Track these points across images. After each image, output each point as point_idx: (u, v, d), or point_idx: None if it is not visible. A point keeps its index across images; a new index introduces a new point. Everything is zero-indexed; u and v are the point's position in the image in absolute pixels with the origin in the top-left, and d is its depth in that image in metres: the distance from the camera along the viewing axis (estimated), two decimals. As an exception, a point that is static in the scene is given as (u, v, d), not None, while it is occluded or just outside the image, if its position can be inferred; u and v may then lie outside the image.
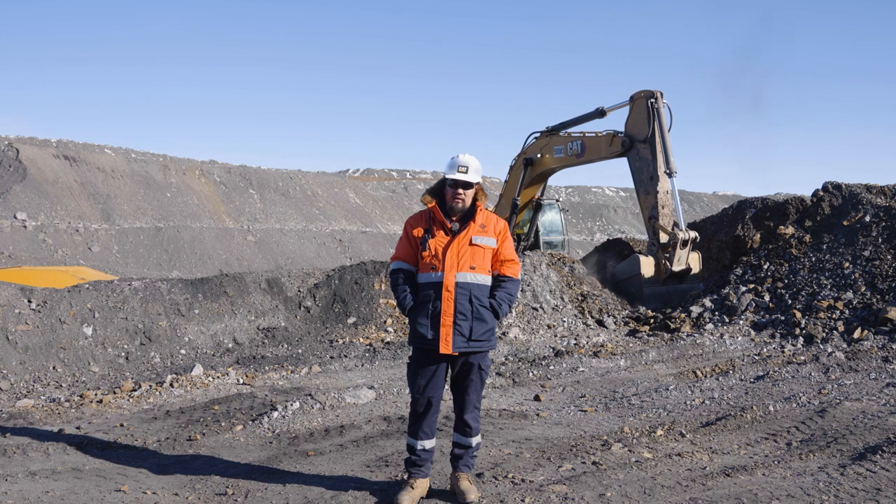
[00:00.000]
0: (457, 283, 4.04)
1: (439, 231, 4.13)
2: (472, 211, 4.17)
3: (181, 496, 4.39)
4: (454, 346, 4.02)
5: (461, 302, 4.04)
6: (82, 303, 10.08)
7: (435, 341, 4.02)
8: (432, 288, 4.07)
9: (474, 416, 4.17)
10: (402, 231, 4.30)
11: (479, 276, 4.11)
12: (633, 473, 4.51)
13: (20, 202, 32.49)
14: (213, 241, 36.40)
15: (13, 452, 5.34)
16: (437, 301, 4.04)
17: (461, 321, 4.03)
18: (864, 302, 9.98)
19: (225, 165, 46.30)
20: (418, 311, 4.10)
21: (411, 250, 4.21)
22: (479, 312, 4.07)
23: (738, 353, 9.08)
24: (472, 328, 4.05)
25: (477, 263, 4.10)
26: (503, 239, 4.21)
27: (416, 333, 4.10)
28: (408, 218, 4.35)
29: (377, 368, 9.03)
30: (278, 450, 5.43)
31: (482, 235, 4.13)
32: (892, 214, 11.70)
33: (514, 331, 10.85)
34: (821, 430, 5.34)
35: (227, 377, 8.34)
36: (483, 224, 4.16)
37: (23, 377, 8.75)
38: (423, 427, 4.13)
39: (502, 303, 4.16)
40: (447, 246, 4.08)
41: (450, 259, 4.06)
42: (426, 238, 4.12)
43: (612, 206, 64.59)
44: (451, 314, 4.02)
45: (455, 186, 4.11)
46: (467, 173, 4.09)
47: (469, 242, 4.09)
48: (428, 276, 4.10)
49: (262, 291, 11.66)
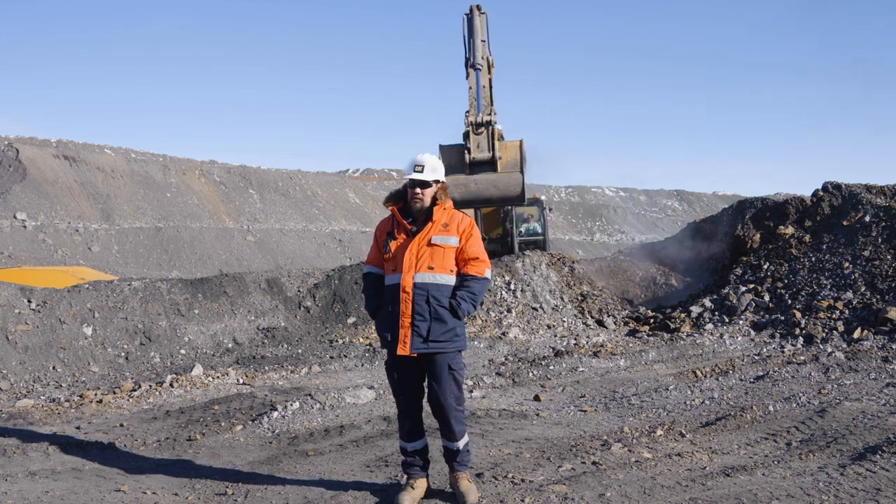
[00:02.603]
0: (414, 284, 4.02)
1: (401, 233, 4.14)
2: (430, 211, 4.13)
3: (181, 496, 4.39)
4: (412, 348, 4.00)
5: (418, 303, 4.01)
6: (82, 303, 10.07)
7: (394, 343, 4.03)
8: (393, 290, 4.08)
9: (456, 417, 4.09)
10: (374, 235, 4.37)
11: (438, 276, 4.05)
12: (632, 473, 4.51)
13: (20, 202, 32.48)
14: (212, 241, 36.40)
15: (13, 452, 5.34)
16: (395, 303, 4.05)
17: (419, 322, 4.00)
18: (864, 302, 9.98)
19: (225, 165, 46.29)
20: (381, 314, 4.16)
21: (378, 254, 4.25)
22: (438, 313, 4.02)
23: (738, 353, 9.08)
24: (430, 328, 4.00)
25: (436, 263, 4.06)
26: (468, 237, 4.15)
27: (380, 335, 4.17)
28: (379, 222, 4.38)
29: (377, 368, 9.02)
30: (278, 450, 5.43)
31: (443, 235, 4.09)
32: (892, 214, 11.70)
33: (514, 331, 10.85)
34: (821, 430, 5.33)
35: (227, 377, 8.34)
36: (446, 223, 4.13)
37: (23, 377, 8.75)
38: (408, 428, 4.15)
39: (461, 302, 4.07)
40: (405, 247, 4.08)
41: (407, 260, 4.04)
42: (387, 241, 4.15)
43: (612, 206, 64.61)
44: (408, 315, 4.00)
45: (412, 186, 4.11)
46: (423, 172, 4.08)
47: (428, 242, 4.07)
48: (390, 277, 4.13)
49: (261, 291, 11.66)
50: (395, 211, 4.17)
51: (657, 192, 71.54)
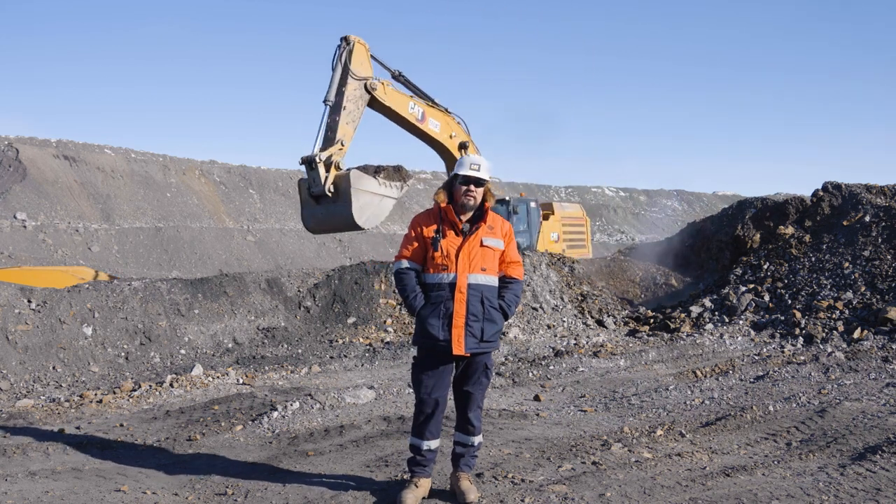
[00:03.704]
0: (469, 285, 4.05)
1: (450, 231, 4.13)
2: (481, 212, 4.18)
3: (181, 496, 4.38)
4: (466, 347, 4.03)
5: (473, 303, 4.05)
6: (82, 303, 10.07)
7: (447, 343, 4.03)
8: (444, 289, 4.06)
9: (477, 415, 4.20)
10: (409, 229, 4.25)
11: (489, 278, 4.13)
12: (632, 473, 4.51)
13: (20, 202, 32.46)
14: (212, 241, 36.37)
15: (13, 452, 5.34)
16: (449, 302, 4.04)
17: (473, 322, 4.04)
18: (864, 302, 9.98)
19: (225, 165, 46.26)
20: (429, 313, 4.08)
21: (420, 250, 4.18)
22: (490, 314, 4.09)
23: (738, 353, 9.08)
24: (483, 329, 4.07)
25: (487, 265, 4.12)
26: (509, 240, 4.25)
27: (427, 335, 4.07)
28: (415, 216, 4.31)
29: (377, 368, 9.03)
30: (278, 450, 5.43)
31: (491, 237, 4.15)
32: (892, 214, 11.71)
33: (514, 331, 10.85)
34: (821, 430, 5.34)
35: (227, 377, 8.34)
36: (491, 225, 4.19)
37: (23, 377, 8.75)
38: (429, 427, 4.13)
39: (511, 304, 4.20)
40: (460, 247, 4.09)
41: (462, 260, 4.06)
42: (437, 238, 4.11)
43: (612, 206, 64.57)
44: (463, 315, 4.02)
45: (467, 183, 4.12)
46: (479, 171, 4.12)
47: (480, 244, 4.11)
48: (438, 276, 4.09)
49: (261, 291, 11.66)
50: (451, 208, 4.16)
51: (657, 192, 71.53)
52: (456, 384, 4.21)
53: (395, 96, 10.71)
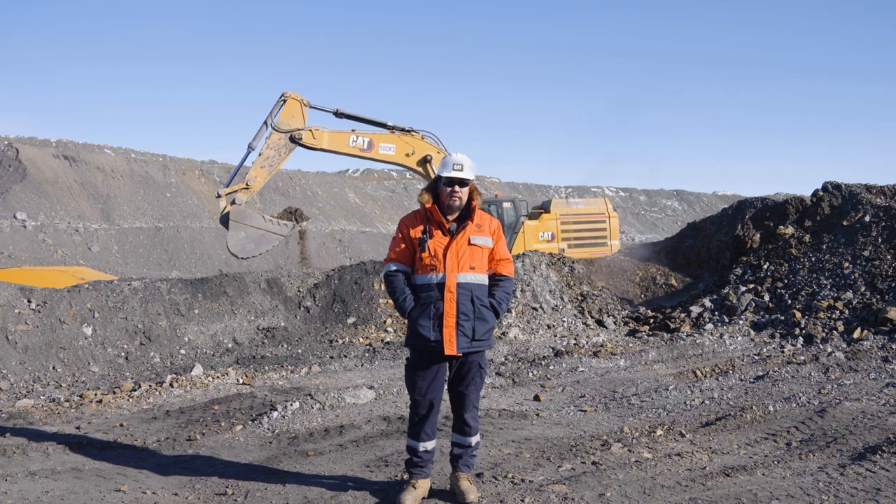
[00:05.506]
0: (458, 284, 4.05)
1: (437, 231, 4.13)
2: (468, 210, 4.18)
3: (181, 496, 4.39)
4: (458, 347, 4.03)
5: (463, 302, 4.05)
6: (82, 303, 10.07)
7: (439, 343, 4.02)
8: (433, 289, 4.06)
9: (473, 415, 4.18)
10: (397, 231, 4.27)
11: (478, 276, 4.13)
12: (632, 473, 4.51)
13: (20, 202, 32.46)
14: (212, 241, 36.35)
15: (13, 452, 5.35)
16: (439, 302, 4.04)
17: (464, 321, 4.04)
18: (864, 302, 9.98)
19: (225, 165, 46.24)
20: (420, 314, 4.08)
21: (408, 251, 4.19)
22: (481, 312, 4.09)
23: (738, 353, 9.08)
24: (474, 328, 4.06)
25: (476, 263, 4.12)
26: (498, 238, 4.24)
27: (418, 336, 4.08)
28: (401, 218, 4.33)
29: (377, 368, 9.03)
30: (278, 450, 5.43)
31: (479, 235, 4.14)
32: (892, 214, 11.71)
33: (514, 331, 10.85)
34: (820, 430, 5.34)
35: (227, 377, 8.35)
36: (479, 224, 4.18)
37: (23, 377, 8.75)
38: (424, 429, 4.13)
39: (502, 302, 4.19)
40: (447, 247, 4.09)
41: (450, 260, 4.06)
42: (424, 239, 4.11)
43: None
44: (453, 315, 4.02)
45: (451, 184, 4.12)
46: (462, 171, 4.11)
47: (468, 242, 4.11)
48: (427, 277, 4.09)
49: (261, 291, 11.66)
50: (436, 208, 4.16)
51: (657, 192, 71.53)
52: (450, 385, 4.21)
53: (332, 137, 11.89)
